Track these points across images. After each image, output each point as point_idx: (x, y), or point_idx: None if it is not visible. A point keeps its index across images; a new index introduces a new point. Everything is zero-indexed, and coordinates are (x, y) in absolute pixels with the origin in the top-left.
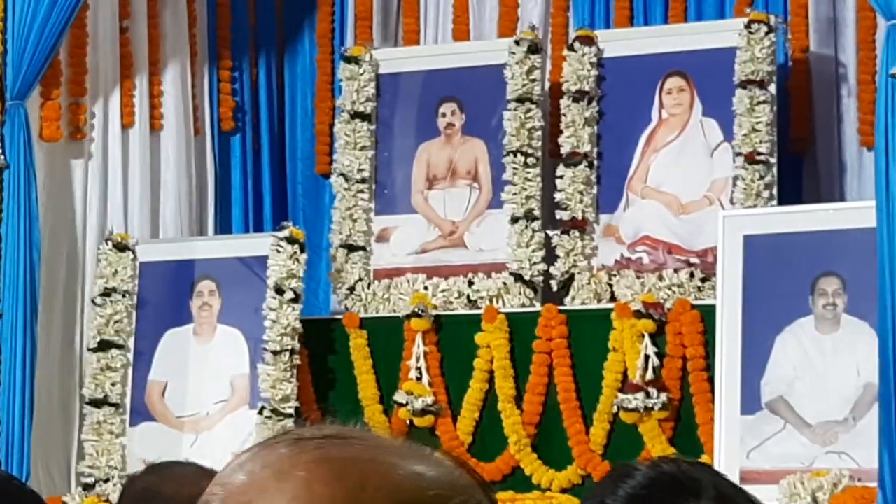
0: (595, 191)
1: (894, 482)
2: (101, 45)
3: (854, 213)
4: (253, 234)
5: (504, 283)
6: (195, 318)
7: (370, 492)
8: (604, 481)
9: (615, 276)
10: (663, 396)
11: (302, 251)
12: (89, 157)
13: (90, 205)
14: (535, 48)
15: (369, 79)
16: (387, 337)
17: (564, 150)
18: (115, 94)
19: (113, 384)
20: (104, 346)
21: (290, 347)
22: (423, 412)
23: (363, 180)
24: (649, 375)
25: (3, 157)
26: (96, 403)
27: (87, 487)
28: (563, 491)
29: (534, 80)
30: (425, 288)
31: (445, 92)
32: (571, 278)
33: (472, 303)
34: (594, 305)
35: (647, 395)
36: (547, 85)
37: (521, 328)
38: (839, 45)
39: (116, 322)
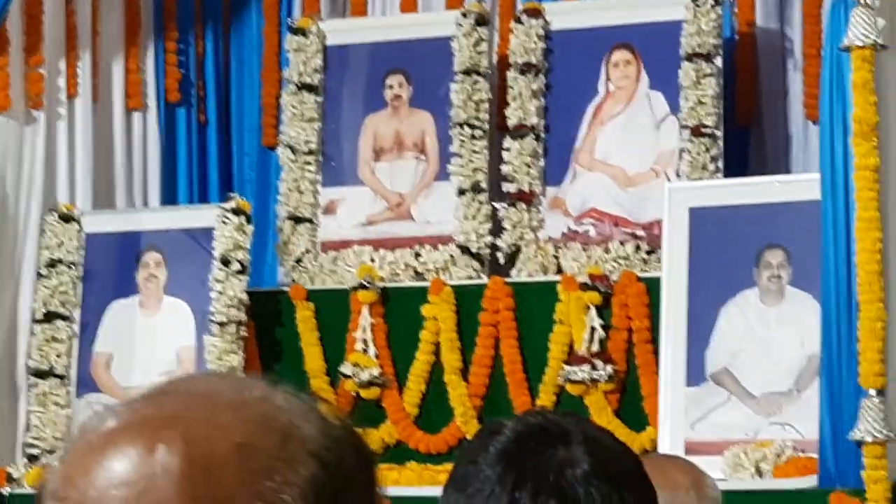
0: (542, 163)
1: (835, 453)
2: (47, 16)
3: (799, 185)
4: (199, 205)
5: (451, 256)
6: (141, 290)
7: (160, 454)
8: (473, 441)
9: (561, 248)
10: (609, 368)
11: (248, 223)
12: (35, 128)
13: (35, 175)
14: (482, 20)
15: (316, 50)
16: (333, 309)
17: (511, 122)
18: (61, 64)
19: (58, 355)
20: (49, 317)
21: (236, 319)
22: (370, 384)
23: (310, 152)
24: (595, 347)
25: None
26: (41, 375)
27: (33, 458)
28: None
29: (481, 53)
30: (372, 260)
31: (392, 64)
32: (518, 251)
33: (418, 275)
34: (540, 278)
35: (593, 367)
36: (494, 57)
37: (467, 300)
38: (785, 19)
39: (62, 293)
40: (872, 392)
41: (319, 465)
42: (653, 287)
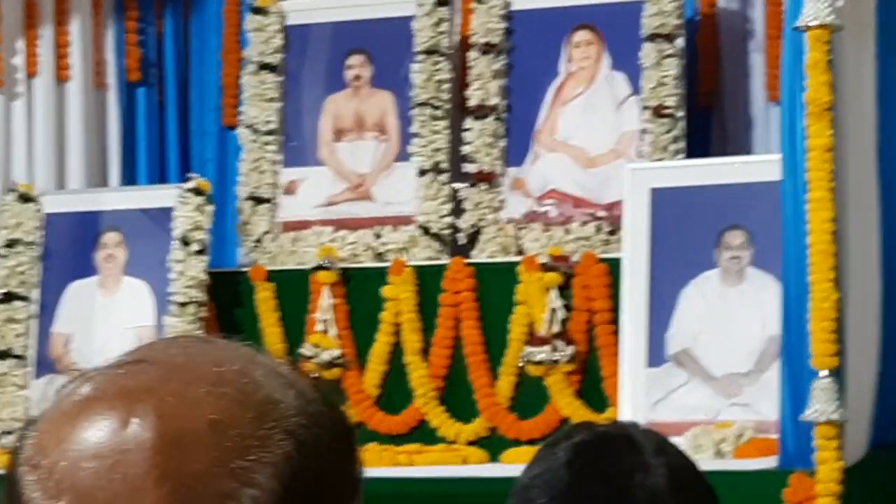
0: (503, 144)
1: (795, 434)
2: None
3: (760, 166)
4: (159, 185)
5: (411, 237)
6: (100, 270)
7: (132, 427)
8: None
9: (523, 229)
10: (570, 349)
11: (208, 203)
12: None
13: None
14: (443, 0)
15: (277, 30)
16: (293, 289)
17: (472, 103)
18: (19, 44)
19: (17, 336)
20: (8, 297)
21: (196, 299)
22: (330, 365)
23: (270, 132)
24: (556, 328)
25: None
26: (0, 355)
27: None
28: (470, 443)
29: (442, 33)
30: (332, 241)
31: (353, 44)
32: (479, 231)
33: (379, 256)
34: (501, 259)
35: (554, 349)
36: (456, 38)
37: (427, 281)
38: (747, 0)
39: (20, 274)
40: (824, 373)
41: (295, 445)
42: (614, 268)
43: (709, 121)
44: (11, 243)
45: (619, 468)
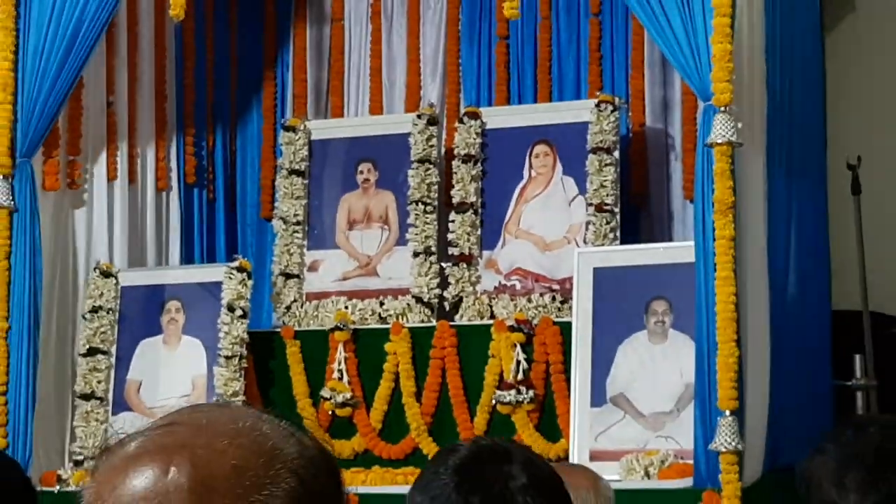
0: (479, 232)
1: (707, 459)
2: (91, 115)
3: (679, 250)
4: (210, 264)
5: (407, 304)
6: (164, 330)
7: (172, 475)
8: (435, 458)
9: (494, 298)
10: (531, 393)
11: (249, 278)
12: (82, 203)
13: (81, 240)
14: (433, 121)
15: (304, 143)
16: (315, 346)
17: (455, 200)
18: (103, 155)
19: (99, 382)
20: (92, 351)
21: (239, 354)
22: (343, 405)
23: (298, 223)
24: (520, 376)
25: (13, 202)
26: (85, 397)
27: (77, 463)
28: None
29: (432, 146)
30: (346, 307)
31: (363, 154)
32: (460, 300)
33: (382, 319)
34: (478, 322)
35: (518, 392)
36: (442, 149)
37: (420, 339)
38: (668, 121)
39: (102, 333)
40: (727, 413)
41: (298, 481)
42: (565, 329)
43: (638, 215)
44: (95, 309)
45: (496, 477)
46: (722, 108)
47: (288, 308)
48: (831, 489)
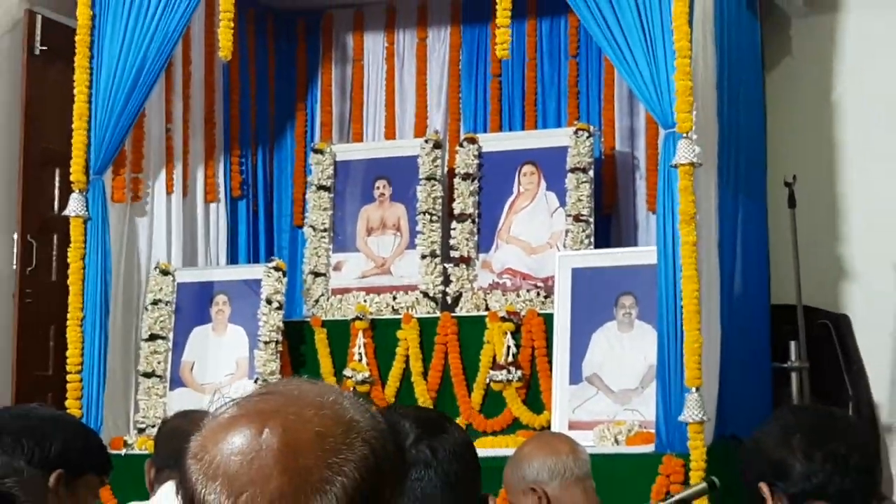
0: (476, 238)
1: (667, 428)
2: (152, 139)
3: (643, 254)
4: (252, 264)
5: (416, 298)
6: (213, 319)
7: (265, 435)
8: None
9: (489, 294)
10: (519, 373)
11: (284, 276)
12: (144, 213)
13: (143, 244)
14: (437, 145)
15: (329, 164)
16: (339, 333)
17: (456, 211)
18: (162, 172)
19: (158, 363)
20: (153, 337)
21: (275, 339)
22: (363, 382)
23: (325, 230)
24: (510, 359)
25: (87, 213)
26: (147, 375)
27: (140, 430)
28: None
29: (437, 166)
30: (365, 301)
31: (379, 172)
32: (460, 295)
33: (395, 311)
34: (475, 313)
35: (509, 372)
36: (445, 169)
37: (426, 328)
38: (634, 146)
39: (161, 322)
40: (693, 389)
41: (369, 449)
42: (548, 320)
43: (609, 224)
44: (155, 302)
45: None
46: (684, 135)
47: (316, 301)
48: (778, 449)
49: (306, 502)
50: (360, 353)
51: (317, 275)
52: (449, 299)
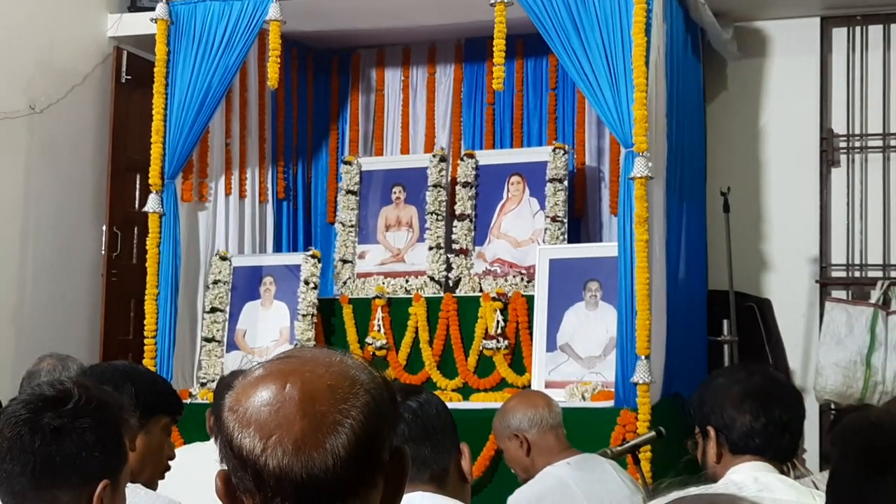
0: (473, 234)
1: (623, 388)
2: (215, 150)
3: (606, 248)
4: (293, 253)
5: (424, 282)
6: (261, 297)
7: (287, 389)
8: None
9: (483, 278)
10: (506, 342)
11: (319, 262)
12: (207, 210)
13: (206, 236)
14: (443, 159)
15: (356, 173)
16: (362, 309)
17: (457, 212)
18: (222, 178)
19: (217, 330)
20: (213, 310)
21: (311, 313)
22: (381, 348)
23: (352, 226)
24: (499, 331)
25: (162, 209)
26: (207, 340)
27: (202, 385)
28: (454, 391)
29: (442, 175)
30: (383, 283)
31: (396, 180)
32: (459, 280)
33: (407, 292)
34: (471, 294)
35: (498, 342)
36: (449, 178)
37: (433, 306)
38: (601, 161)
39: (219, 297)
40: (643, 357)
41: (370, 397)
42: (530, 300)
43: (580, 224)
44: (215, 282)
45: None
46: (640, 153)
47: (344, 283)
48: (730, 409)
49: (323, 440)
50: (378, 325)
51: (345, 262)
52: (451, 283)
